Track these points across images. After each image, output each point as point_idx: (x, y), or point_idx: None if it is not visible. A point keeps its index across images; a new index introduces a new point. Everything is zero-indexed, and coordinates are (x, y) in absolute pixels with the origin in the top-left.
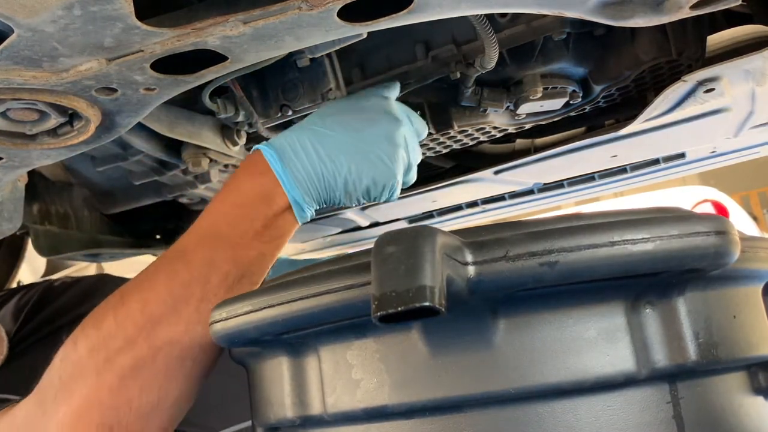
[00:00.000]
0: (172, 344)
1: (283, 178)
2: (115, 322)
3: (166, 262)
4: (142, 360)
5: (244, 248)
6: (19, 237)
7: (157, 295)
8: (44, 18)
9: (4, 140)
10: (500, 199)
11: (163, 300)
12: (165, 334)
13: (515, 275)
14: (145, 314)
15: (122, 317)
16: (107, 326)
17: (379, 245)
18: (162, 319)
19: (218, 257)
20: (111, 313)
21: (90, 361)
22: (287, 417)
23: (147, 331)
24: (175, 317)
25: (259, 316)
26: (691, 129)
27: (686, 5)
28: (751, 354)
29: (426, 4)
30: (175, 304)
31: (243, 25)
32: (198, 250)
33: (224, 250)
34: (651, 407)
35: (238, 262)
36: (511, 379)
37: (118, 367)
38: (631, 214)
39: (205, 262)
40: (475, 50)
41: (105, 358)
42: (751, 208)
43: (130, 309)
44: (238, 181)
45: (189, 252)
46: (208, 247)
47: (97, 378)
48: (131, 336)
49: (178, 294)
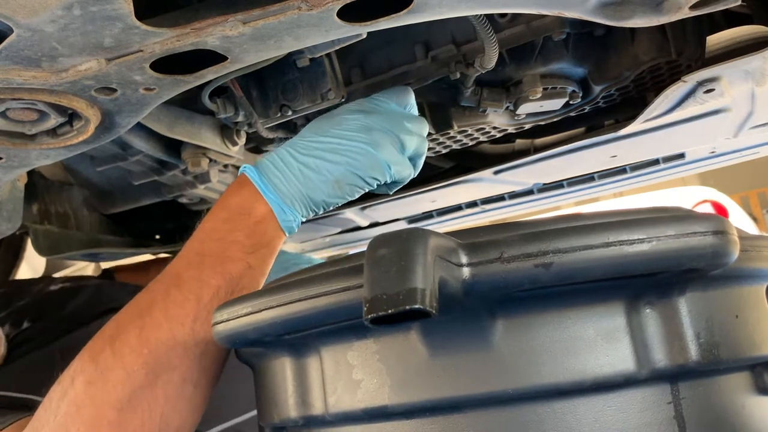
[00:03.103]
0: (171, 369)
1: (260, 185)
2: (112, 353)
3: (160, 286)
4: (141, 389)
5: (231, 261)
6: (18, 237)
7: (152, 320)
8: (44, 18)
9: (3, 140)
10: (500, 199)
11: (159, 323)
12: (163, 358)
13: (510, 277)
14: (142, 339)
15: (119, 346)
16: (104, 358)
17: (371, 247)
18: (159, 342)
19: (207, 274)
20: (108, 344)
21: (86, 397)
22: (291, 417)
23: (144, 357)
24: (173, 340)
25: (259, 318)
26: (691, 129)
27: (686, 5)
28: (755, 354)
29: (425, 4)
30: (171, 327)
31: (242, 25)
32: (188, 270)
33: (212, 266)
34: (651, 407)
35: (227, 276)
36: (510, 379)
37: (116, 400)
38: (628, 214)
39: (195, 280)
40: (474, 50)
41: (102, 391)
42: (751, 209)
43: (126, 337)
44: (222, 200)
45: (180, 273)
46: (197, 266)
47: (95, 413)
48: (129, 365)
49: (173, 315)
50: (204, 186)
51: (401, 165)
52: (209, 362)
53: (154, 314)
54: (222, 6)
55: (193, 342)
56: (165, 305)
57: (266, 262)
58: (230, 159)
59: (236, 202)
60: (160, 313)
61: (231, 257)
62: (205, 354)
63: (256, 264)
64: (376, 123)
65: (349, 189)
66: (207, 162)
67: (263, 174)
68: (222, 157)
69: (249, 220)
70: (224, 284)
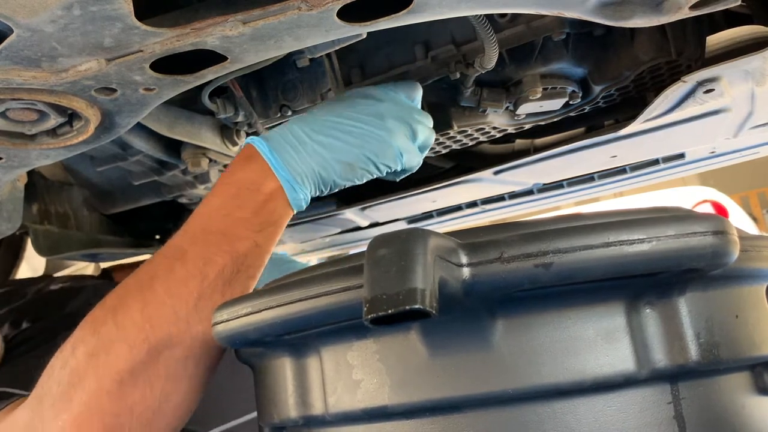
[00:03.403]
0: (173, 346)
1: (272, 160)
2: (115, 325)
3: (163, 260)
4: (142, 364)
5: (238, 239)
6: (18, 237)
7: (155, 295)
8: (43, 18)
9: (3, 140)
10: (500, 199)
11: (162, 300)
12: (165, 334)
13: (510, 277)
14: (145, 315)
15: (121, 319)
16: (106, 330)
17: (371, 248)
18: (162, 319)
19: (212, 251)
20: (110, 316)
21: (89, 368)
22: (290, 417)
23: (146, 332)
24: (175, 317)
25: (259, 318)
26: (691, 129)
27: (686, 5)
28: (755, 354)
29: (425, 4)
30: (174, 304)
31: (242, 25)
32: (193, 245)
33: (218, 244)
34: (651, 408)
35: (233, 254)
36: (509, 379)
37: (117, 372)
38: (628, 214)
39: (201, 257)
40: (474, 50)
41: (104, 363)
42: (751, 209)
43: (128, 310)
44: (229, 174)
45: (184, 248)
46: (202, 242)
47: (96, 384)
48: (131, 339)
49: (177, 292)
50: (204, 186)
51: (412, 153)
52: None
53: (157, 290)
54: (222, 6)
55: (197, 319)
56: (167, 281)
57: (273, 239)
58: (230, 159)
59: (245, 176)
60: (162, 289)
61: (238, 235)
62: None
63: (263, 242)
64: (390, 110)
65: (360, 173)
66: (207, 162)
67: (274, 149)
68: (222, 157)
69: (258, 196)
70: (230, 262)
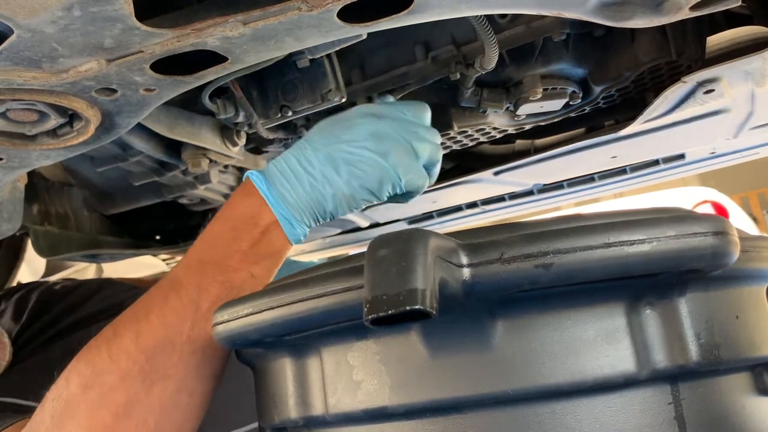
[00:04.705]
0: (167, 378)
1: (268, 196)
2: (109, 357)
3: (159, 291)
4: (136, 396)
5: (233, 270)
6: (18, 238)
7: (150, 326)
8: (44, 19)
9: (3, 141)
10: (500, 200)
11: (156, 331)
12: (159, 366)
13: (510, 277)
14: (139, 346)
15: (115, 351)
16: (101, 362)
17: (372, 248)
18: (156, 350)
19: (207, 281)
20: (104, 347)
21: (83, 399)
22: (291, 417)
23: (140, 364)
24: (170, 348)
25: (259, 318)
26: (691, 130)
27: (686, 6)
28: (755, 354)
29: (426, 4)
30: (168, 335)
31: (243, 26)
32: (188, 275)
33: (213, 274)
34: (652, 408)
35: (228, 285)
36: (510, 380)
37: (112, 404)
38: (628, 214)
39: (195, 287)
40: (474, 51)
41: (98, 395)
42: (751, 209)
43: (123, 341)
44: (229, 207)
45: (180, 279)
46: (197, 272)
47: (90, 416)
48: (125, 371)
49: (171, 323)
50: (204, 186)
51: (414, 173)
52: (206, 371)
53: (152, 320)
54: (222, 6)
55: (190, 350)
56: (162, 311)
57: (270, 271)
58: (230, 160)
59: (243, 210)
60: (157, 319)
61: (233, 266)
62: (202, 363)
63: (260, 274)
64: (387, 129)
65: (360, 202)
66: (207, 163)
67: (270, 183)
68: (222, 158)
69: (255, 229)
70: (224, 293)
